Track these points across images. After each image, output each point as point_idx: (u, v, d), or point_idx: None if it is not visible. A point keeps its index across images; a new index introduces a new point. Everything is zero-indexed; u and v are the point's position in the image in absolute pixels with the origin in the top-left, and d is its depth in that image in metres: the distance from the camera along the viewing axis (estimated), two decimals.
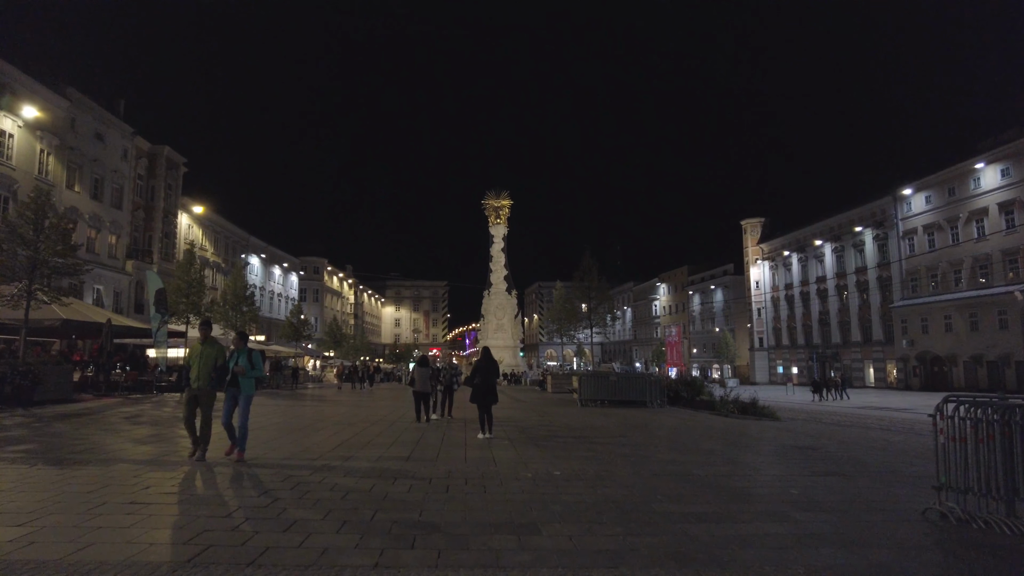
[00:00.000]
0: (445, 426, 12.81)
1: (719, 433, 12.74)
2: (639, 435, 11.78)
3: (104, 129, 37.29)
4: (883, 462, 8.91)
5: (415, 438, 10.54)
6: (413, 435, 11.02)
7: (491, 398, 10.82)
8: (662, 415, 17.38)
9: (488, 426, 10.86)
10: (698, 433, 12.58)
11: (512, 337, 53.91)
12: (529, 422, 14.24)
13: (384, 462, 7.85)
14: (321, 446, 9.28)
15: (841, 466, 8.37)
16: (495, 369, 11.17)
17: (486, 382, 10.78)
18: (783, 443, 11.22)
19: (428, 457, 8.36)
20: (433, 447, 9.40)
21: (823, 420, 21.32)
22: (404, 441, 10.07)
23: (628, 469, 7.68)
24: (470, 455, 8.66)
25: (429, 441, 10.13)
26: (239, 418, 7.58)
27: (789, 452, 9.85)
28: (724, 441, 11.26)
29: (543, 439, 10.86)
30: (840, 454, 9.73)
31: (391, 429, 11.96)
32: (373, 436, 10.71)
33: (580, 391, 20.76)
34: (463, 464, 7.82)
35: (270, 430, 11.42)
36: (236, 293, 32.46)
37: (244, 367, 7.58)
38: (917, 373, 47.46)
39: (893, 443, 12.13)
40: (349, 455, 8.39)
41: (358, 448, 9.12)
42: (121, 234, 39.20)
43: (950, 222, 44.90)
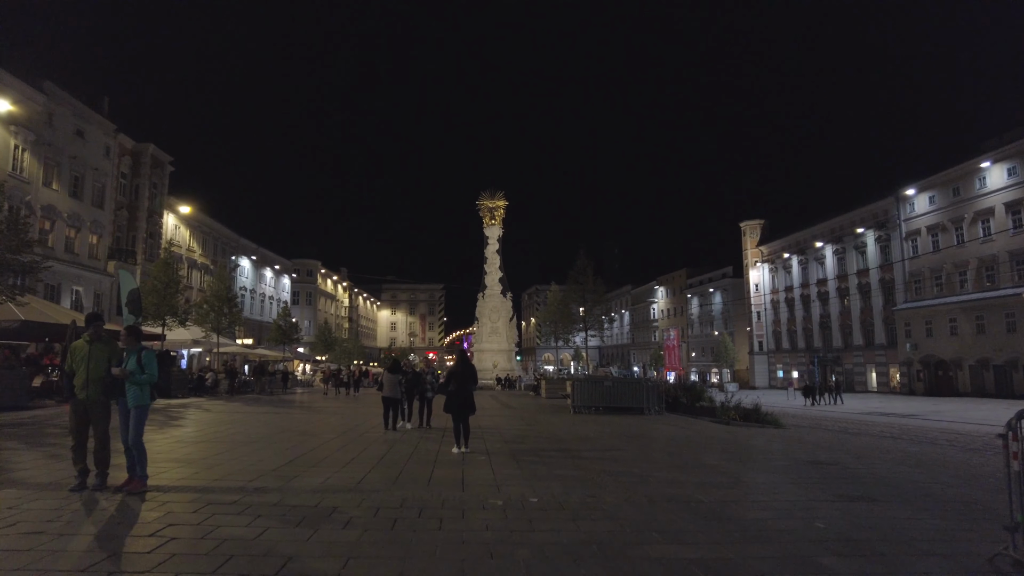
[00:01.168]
0: (419, 438, 11.61)
1: (722, 445, 11.57)
2: (634, 448, 10.60)
3: (84, 125, 36.09)
4: (915, 483, 7.73)
5: (380, 453, 9.33)
6: (379, 449, 9.82)
7: (467, 408, 9.65)
8: (660, 423, 16.20)
9: (464, 439, 9.68)
10: (699, 445, 11.41)
11: (507, 340, 52.73)
12: (514, 432, 13.05)
13: (329, 487, 6.63)
14: (266, 464, 8.07)
15: (867, 488, 7.20)
16: (472, 375, 9.98)
17: (462, 390, 9.61)
18: (794, 456, 10.04)
19: (386, 479, 7.16)
20: (396, 465, 8.20)
21: (829, 427, 20.23)
22: (365, 457, 8.87)
23: (618, 493, 6.50)
24: (437, 475, 7.47)
25: (395, 457, 8.93)
26: (131, 436, 6.05)
27: (803, 468, 8.68)
28: (728, 455, 10.09)
29: (526, 453, 9.68)
30: (862, 471, 8.55)
31: (358, 441, 10.77)
32: (333, 451, 9.51)
33: (573, 397, 19.58)
34: (424, 488, 6.62)
35: (221, 443, 10.22)
36: (218, 294, 31.22)
37: (133, 370, 6.03)
38: (921, 378, 46.32)
39: (915, 456, 10.98)
40: (293, 476, 7.18)
41: (308, 467, 7.92)
42: (103, 234, 37.98)
43: (955, 223, 43.84)
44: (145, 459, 6.15)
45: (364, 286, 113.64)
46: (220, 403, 21.90)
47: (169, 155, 44.58)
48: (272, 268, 68.15)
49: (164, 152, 43.81)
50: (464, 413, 9.61)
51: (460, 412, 9.58)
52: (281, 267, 70.81)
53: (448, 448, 9.82)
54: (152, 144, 42.28)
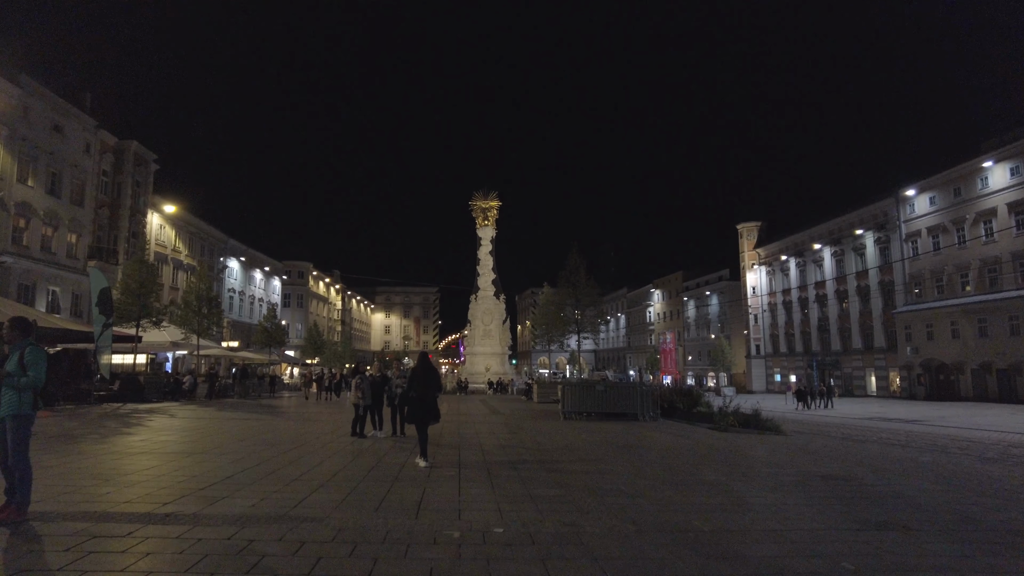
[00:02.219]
0: (389, 448, 10.54)
1: (722, 456, 10.54)
2: (624, 460, 9.56)
3: (63, 121, 34.99)
4: (946, 504, 6.70)
5: (337, 467, 8.26)
6: (338, 462, 8.75)
7: (431, 416, 8.62)
8: (654, 431, 15.17)
9: (421, 451, 8.69)
10: (697, 456, 10.37)
11: (500, 343, 51.68)
12: (496, 441, 11.99)
13: (257, 512, 5.56)
14: (199, 480, 7.00)
15: (894, 511, 6.17)
16: (435, 379, 8.95)
17: (425, 395, 8.58)
18: (803, 469, 9.02)
19: (330, 501, 6.09)
20: (349, 482, 7.13)
21: (832, 434, 19.27)
22: (319, 472, 7.80)
23: (602, 520, 5.45)
24: (392, 496, 6.41)
25: (352, 472, 7.86)
26: (11, 453, 4.94)
27: (815, 484, 7.65)
28: (730, 468, 9.06)
29: (503, 467, 8.63)
30: (881, 488, 7.53)
31: (318, 452, 9.70)
32: (285, 463, 8.44)
33: (563, 403, 18.53)
34: (371, 514, 5.56)
35: (163, 455, 9.14)
36: (198, 293, 30.08)
37: (12, 371, 4.92)
38: (922, 382, 45.39)
39: (930, 467, 9.98)
40: (221, 497, 6.11)
41: (245, 484, 6.84)
42: (83, 233, 36.84)
43: (956, 224, 42.98)
44: (29, 481, 5.01)
45: (358, 288, 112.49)
46: (192, 408, 20.78)
47: (153, 152, 43.45)
48: (262, 270, 66.98)
49: (148, 149, 42.67)
50: (428, 421, 8.59)
51: (425, 420, 8.55)
52: (271, 269, 69.63)
53: (421, 461, 8.77)
54: (135, 141, 41.17)
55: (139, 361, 31.77)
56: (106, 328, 22.12)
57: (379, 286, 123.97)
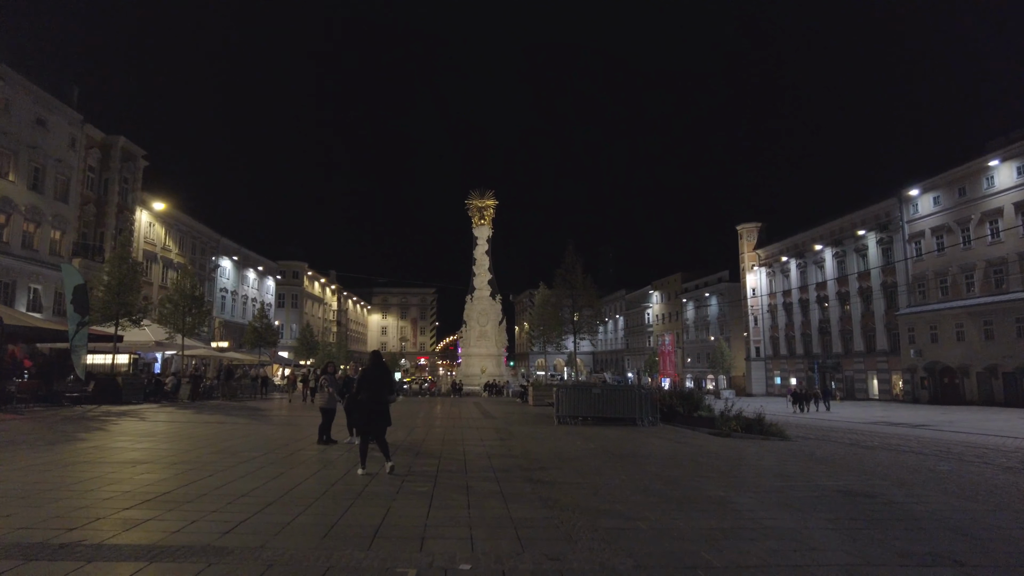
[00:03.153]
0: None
1: (727, 466, 9.63)
2: (622, 473, 8.64)
3: (46, 114, 34.04)
4: (990, 527, 5.77)
5: (295, 481, 7.33)
6: (300, 474, 7.83)
7: (381, 421, 7.74)
8: (653, 436, 14.25)
9: (385, 454, 7.92)
10: (701, 467, 9.46)
11: (496, 345, 50.74)
12: (481, 449, 11.06)
13: (172, 543, 4.63)
14: (133, 496, 6.07)
15: (933, 537, 5.26)
16: (388, 380, 8.06)
17: (375, 398, 7.68)
18: (817, 482, 8.11)
19: (272, 525, 5.16)
20: (303, 500, 6.21)
21: (838, 440, 18.41)
22: (273, 487, 6.87)
23: (595, 552, 4.54)
24: (349, 519, 5.48)
25: (310, 487, 6.93)
26: None
27: (836, 502, 6.74)
28: (738, 481, 8.15)
29: (485, 480, 7.71)
30: (912, 506, 6.61)
31: (282, 461, 8.78)
32: (239, 476, 7.51)
33: (557, 406, 17.60)
34: (315, 543, 4.64)
35: (101, 465, 8.19)
36: (183, 291, 29.10)
37: None
38: (926, 385, 44.52)
39: (953, 478, 9.09)
40: (139, 522, 5.17)
41: (182, 503, 5.91)
42: (67, 230, 35.88)
43: (961, 224, 42.13)
44: None
45: (354, 289, 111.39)
46: (170, 411, 19.83)
47: (142, 148, 42.49)
48: (255, 269, 65.99)
49: (136, 145, 41.70)
50: (378, 426, 7.71)
51: (372, 426, 7.69)
52: (265, 268, 68.65)
53: (397, 473, 7.85)
54: (123, 137, 40.21)
55: (121, 361, 30.83)
56: (81, 327, 21.20)
57: (376, 287, 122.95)
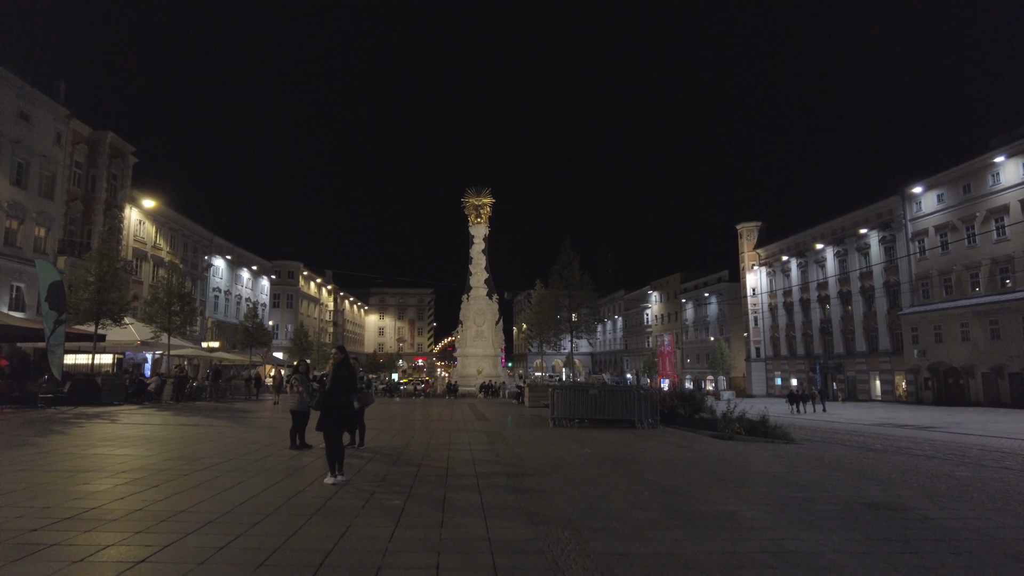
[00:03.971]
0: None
1: (735, 473, 8.81)
2: (619, 481, 7.81)
3: (31, 108, 33.17)
4: None
5: (250, 493, 6.48)
6: (258, 484, 6.99)
7: (346, 423, 6.97)
8: (654, 440, 13.43)
9: (339, 464, 7.12)
10: (706, 474, 8.63)
11: (493, 345, 49.87)
12: (468, 454, 10.23)
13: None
14: (51, 513, 5.23)
15: (987, 565, 4.44)
16: (352, 379, 7.28)
17: (348, 400, 6.89)
18: (837, 492, 7.29)
19: (198, 552, 4.32)
20: (250, 519, 5.36)
21: (846, 442, 17.66)
22: (221, 501, 6.03)
23: None
24: (297, 542, 4.66)
25: (264, 501, 6.09)
26: None
27: (864, 519, 5.92)
28: (749, 492, 7.33)
29: (466, 491, 6.88)
30: (947, 522, 5.80)
31: (244, 470, 7.94)
32: (187, 487, 6.67)
33: (552, 408, 16.77)
34: (248, 574, 3.82)
35: (37, 472, 7.35)
36: (169, 289, 28.22)
37: None
38: (929, 386, 43.72)
39: (977, 485, 8.30)
40: (44, 547, 4.34)
41: (104, 523, 5.07)
42: (52, 227, 35.00)
43: (965, 221, 41.36)
44: None
45: (351, 290, 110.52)
46: (148, 413, 18.98)
47: (131, 145, 41.62)
48: (249, 269, 65.12)
49: (125, 141, 40.81)
50: (343, 428, 6.93)
51: (340, 427, 6.90)
52: (259, 268, 67.77)
53: (370, 484, 7.04)
54: (110, 132, 39.31)
55: (105, 361, 29.97)
56: (58, 325, 20.38)
57: (373, 287, 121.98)
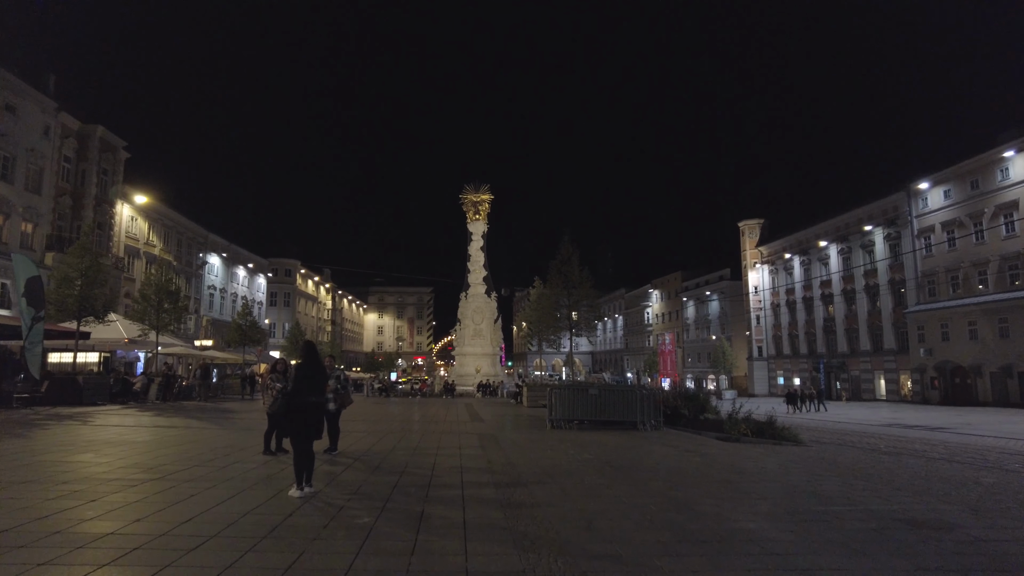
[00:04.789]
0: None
1: (750, 483, 7.99)
2: (622, 492, 7.00)
3: (17, 101, 32.38)
4: None
5: (199, 508, 5.67)
6: (211, 497, 6.17)
7: (314, 427, 6.17)
8: (657, 443, 12.62)
9: (307, 475, 6.34)
10: (717, 484, 7.81)
11: (491, 344, 49.04)
12: (456, 461, 9.41)
13: None
14: None
15: None
16: (321, 378, 6.47)
17: (319, 400, 6.12)
18: (868, 506, 6.48)
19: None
20: (188, 542, 4.55)
21: (856, 444, 16.86)
22: (154, 522, 5.21)
23: None
24: (238, 570, 3.86)
25: (214, 519, 5.28)
26: None
27: (907, 540, 5.11)
28: (769, 505, 6.51)
29: (447, 505, 6.07)
30: (1003, 544, 4.99)
31: (205, 479, 7.13)
32: (128, 502, 5.86)
33: (550, 409, 15.96)
34: None
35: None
36: (157, 285, 27.43)
37: None
38: (936, 385, 42.91)
39: (1010, 493, 7.46)
40: None
41: (8, 550, 4.28)
42: (40, 222, 34.22)
43: (973, 218, 40.52)
44: None
45: (350, 288, 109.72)
46: (128, 414, 18.18)
47: (123, 139, 40.78)
48: (245, 266, 64.35)
49: (116, 136, 39.97)
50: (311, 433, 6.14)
51: (309, 431, 6.10)
52: (256, 266, 67.00)
53: (341, 494, 6.24)
54: (101, 126, 38.47)
55: (92, 360, 29.20)
56: (36, 322, 19.60)
57: (372, 286, 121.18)
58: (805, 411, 33.23)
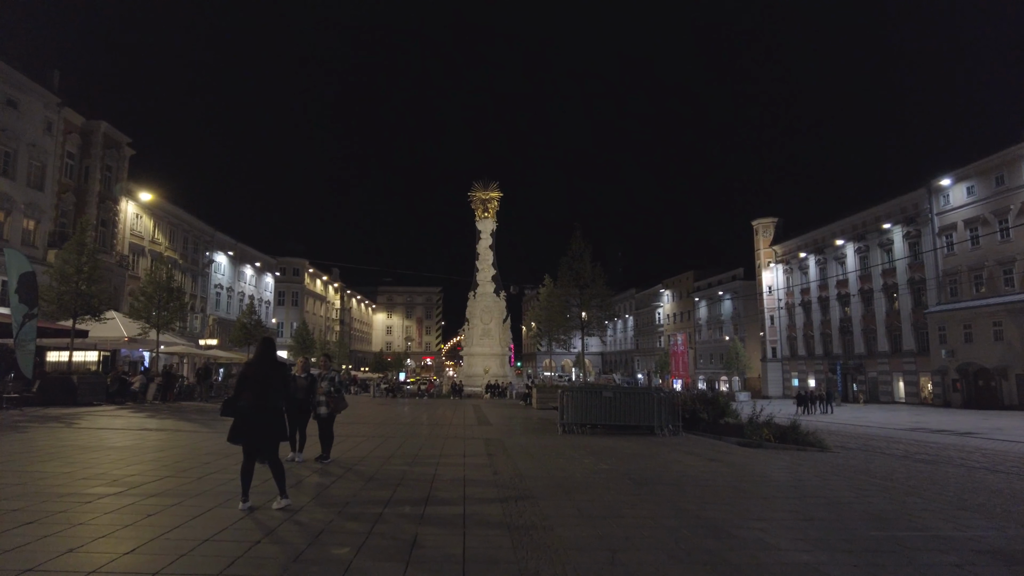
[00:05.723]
0: (295, 483, 7.10)
1: (789, 500, 7.06)
2: (646, 512, 6.10)
3: (18, 95, 31.87)
4: None
5: (151, 533, 4.82)
6: (171, 518, 5.32)
7: (272, 435, 5.29)
8: (677, 451, 11.69)
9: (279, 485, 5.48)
10: (752, 501, 6.89)
11: (500, 344, 48.10)
12: (458, 470, 8.53)
13: None
14: None
15: None
16: (280, 379, 5.57)
17: (264, 404, 5.23)
18: (939, 533, 5.54)
19: None
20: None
21: (884, 450, 15.92)
22: (89, 553, 4.39)
23: None
24: None
25: (162, 547, 4.43)
26: None
27: None
28: (815, 528, 5.58)
29: (444, 529, 5.19)
30: None
31: (171, 493, 6.30)
32: (68, 525, 5.03)
33: (562, 412, 15.05)
34: None
35: None
36: (157, 283, 26.76)
37: None
38: (958, 388, 41.57)
39: None
40: None
41: None
42: (42, 219, 33.69)
43: (998, 215, 39.19)
44: None
45: (358, 288, 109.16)
46: (121, 415, 17.46)
47: (127, 136, 40.25)
48: (253, 265, 63.81)
49: (120, 132, 39.45)
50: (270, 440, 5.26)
51: (260, 440, 5.22)
52: (263, 265, 66.44)
53: (324, 512, 5.37)
54: (105, 122, 37.96)
55: (91, 359, 28.58)
56: (29, 319, 18.93)
57: (381, 286, 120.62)
58: (813, 413, 32.51)
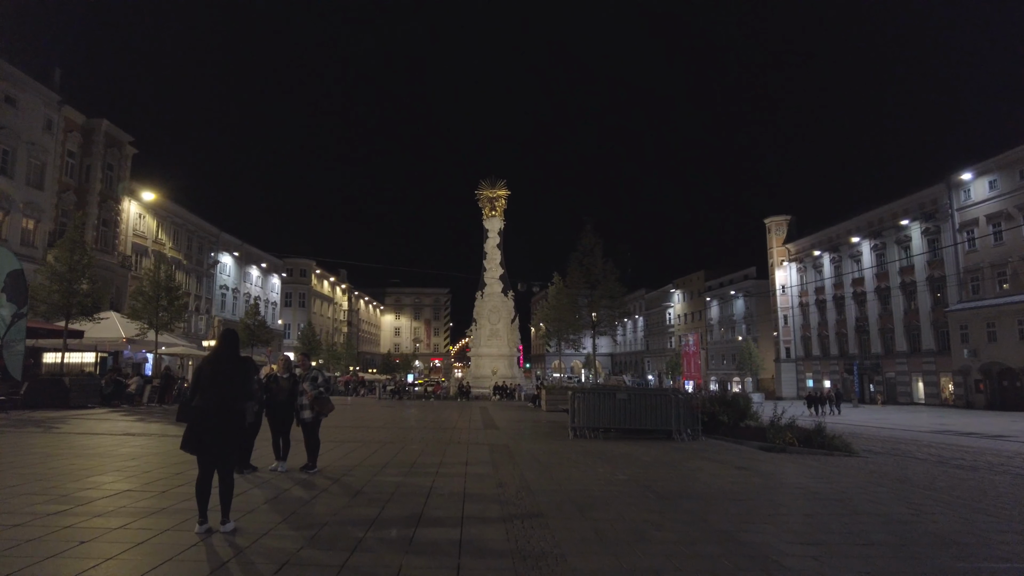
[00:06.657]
0: (276, 495, 6.24)
1: (836, 515, 6.12)
2: (675, 536, 5.18)
3: (17, 93, 31.31)
4: None
5: (94, 559, 3.97)
6: (125, 539, 4.46)
7: (228, 441, 4.45)
8: (700, 458, 10.75)
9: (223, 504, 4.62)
10: (793, 519, 5.97)
11: (508, 344, 47.20)
12: (458, 481, 7.64)
13: None
14: None
15: None
16: (242, 377, 4.72)
17: (222, 406, 4.39)
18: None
19: None
20: None
21: (915, 455, 14.86)
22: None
23: None
24: None
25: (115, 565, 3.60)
26: None
27: None
28: (878, 556, 4.65)
29: (435, 560, 4.31)
30: None
31: (139, 508, 5.45)
32: (21, 541, 4.20)
33: (573, 415, 14.12)
34: None
35: None
36: (155, 282, 26.05)
37: None
38: (981, 388, 40.26)
39: None
40: None
41: None
42: (42, 219, 33.11)
43: (1022, 209, 37.92)
44: None
45: (366, 289, 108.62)
46: (110, 418, 16.72)
47: (129, 135, 39.69)
48: (259, 266, 63.25)
49: (122, 130, 38.88)
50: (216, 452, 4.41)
51: (214, 448, 4.37)
52: (270, 266, 65.87)
53: (291, 540, 4.51)
54: (106, 120, 37.37)
55: (88, 360, 27.95)
56: (18, 318, 18.25)
57: (388, 287, 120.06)
58: (827, 413, 31.61)
